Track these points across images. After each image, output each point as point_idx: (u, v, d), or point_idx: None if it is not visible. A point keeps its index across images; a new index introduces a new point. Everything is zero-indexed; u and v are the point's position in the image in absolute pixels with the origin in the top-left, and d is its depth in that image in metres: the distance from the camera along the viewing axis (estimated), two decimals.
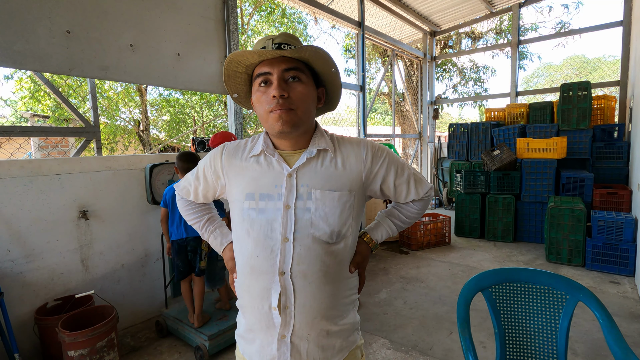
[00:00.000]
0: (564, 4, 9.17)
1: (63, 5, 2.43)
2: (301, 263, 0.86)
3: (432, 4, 6.69)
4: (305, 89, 0.87)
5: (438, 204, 7.72)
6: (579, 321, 2.74)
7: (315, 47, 0.82)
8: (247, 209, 0.90)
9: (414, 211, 1.07)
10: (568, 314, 1.32)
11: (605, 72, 10.85)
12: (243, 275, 0.92)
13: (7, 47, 2.21)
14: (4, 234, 2.21)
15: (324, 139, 0.94)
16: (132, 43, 2.80)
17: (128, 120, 9.73)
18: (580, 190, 4.55)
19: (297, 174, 0.89)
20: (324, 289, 0.88)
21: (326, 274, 0.88)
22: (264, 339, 0.89)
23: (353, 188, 0.92)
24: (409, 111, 8.42)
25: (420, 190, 1.02)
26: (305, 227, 0.86)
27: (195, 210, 1.12)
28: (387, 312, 3.02)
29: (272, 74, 0.84)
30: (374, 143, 0.98)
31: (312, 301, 0.86)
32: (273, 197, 0.88)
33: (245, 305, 0.93)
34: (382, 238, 1.06)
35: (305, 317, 0.86)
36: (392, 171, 0.98)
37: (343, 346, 0.94)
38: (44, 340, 2.24)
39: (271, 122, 0.86)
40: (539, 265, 4.09)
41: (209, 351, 2.31)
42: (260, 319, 0.88)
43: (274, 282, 0.86)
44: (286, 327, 0.86)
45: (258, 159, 0.93)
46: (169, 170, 2.90)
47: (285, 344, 0.87)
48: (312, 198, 0.87)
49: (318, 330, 0.88)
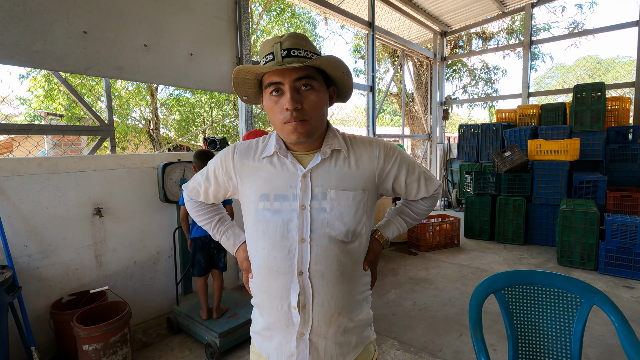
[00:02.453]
0: (577, 4, 9.02)
1: (80, 7, 2.48)
2: (319, 263, 0.87)
3: (443, 4, 6.65)
4: (318, 97, 0.86)
5: (447, 206, 7.66)
6: (592, 325, 2.70)
7: (327, 57, 0.81)
8: (261, 210, 0.90)
9: (423, 208, 1.08)
10: (582, 318, 1.31)
11: (620, 73, 10.65)
12: (260, 275, 0.92)
13: (26, 47, 2.26)
14: (21, 230, 2.26)
15: (337, 139, 0.94)
16: (146, 43, 2.85)
17: (139, 119, 9.86)
18: (594, 192, 4.48)
19: (312, 174, 0.90)
20: (341, 287, 0.89)
21: (343, 272, 0.89)
22: (282, 337, 0.90)
23: (366, 187, 0.93)
24: (418, 112, 8.38)
25: (430, 187, 1.03)
26: (321, 227, 0.87)
27: (206, 211, 1.11)
28: (396, 313, 3.01)
29: (283, 84, 0.83)
30: (385, 142, 0.99)
31: (330, 299, 0.88)
32: (288, 198, 0.89)
33: (262, 305, 0.94)
34: (393, 235, 1.07)
35: (324, 315, 0.88)
36: (404, 170, 0.99)
37: (358, 342, 0.96)
38: (59, 334, 2.28)
39: (286, 133, 0.86)
40: (551, 268, 4.04)
41: (219, 348, 2.33)
42: (279, 317, 0.89)
43: (293, 282, 0.87)
44: (305, 326, 0.88)
45: (271, 160, 0.93)
46: (181, 169, 2.94)
47: (303, 342, 0.89)
48: (327, 198, 0.88)
49: (335, 327, 0.90)
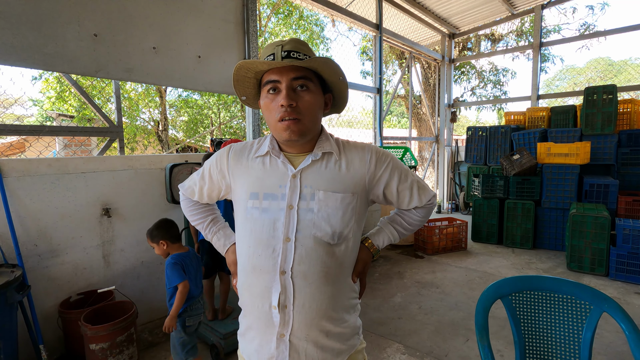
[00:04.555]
0: (588, 5, 8.94)
1: (91, 10, 2.52)
2: (302, 263, 0.87)
3: (451, 6, 6.62)
4: (313, 98, 0.88)
5: (454, 209, 7.60)
6: (602, 332, 2.65)
7: (324, 59, 0.84)
8: (250, 208, 0.91)
9: (416, 218, 1.06)
10: (592, 325, 1.28)
11: (632, 75, 10.47)
12: (245, 273, 0.93)
13: (38, 49, 2.30)
14: (32, 229, 2.30)
15: (329, 142, 0.95)
16: (155, 46, 2.88)
17: (148, 120, 9.97)
18: (605, 197, 4.40)
19: (302, 175, 0.91)
20: (324, 290, 0.88)
21: (327, 275, 0.89)
22: (263, 337, 0.90)
23: (356, 191, 0.93)
24: (426, 114, 8.33)
25: (424, 197, 1.02)
26: (307, 227, 0.87)
27: (200, 211, 1.12)
28: (402, 317, 2.99)
29: (280, 82, 0.86)
30: (378, 148, 1.00)
31: (311, 301, 0.87)
32: (277, 197, 0.90)
33: (245, 304, 0.94)
34: (383, 244, 1.06)
35: (304, 317, 0.87)
36: (396, 176, 0.98)
37: (342, 349, 0.94)
38: (67, 333, 2.31)
39: (279, 131, 0.88)
40: (560, 273, 3.98)
41: (224, 349, 2.34)
42: (259, 317, 0.89)
43: (275, 281, 0.87)
44: (285, 327, 0.87)
45: (264, 160, 0.95)
46: (188, 170, 2.96)
47: (284, 343, 0.88)
48: (315, 199, 0.89)
49: (317, 331, 0.89)
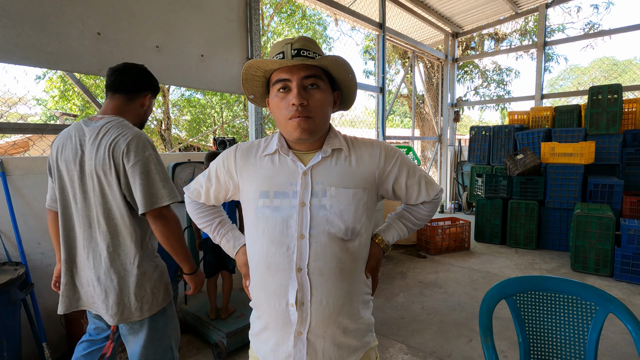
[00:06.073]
0: (593, 4, 8.84)
1: (94, 9, 2.52)
2: (318, 260, 0.86)
3: (455, 5, 6.59)
4: (323, 96, 0.88)
5: (457, 209, 7.57)
6: (607, 333, 2.63)
7: (334, 57, 0.84)
8: (261, 207, 0.90)
9: (424, 213, 1.07)
10: (597, 326, 1.27)
11: (637, 75, 10.40)
12: (258, 273, 0.92)
13: (41, 48, 2.30)
14: (35, 227, 2.30)
15: (338, 139, 0.95)
16: (158, 45, 2.88)
17: (151, 119, 9.99)
18: (609, 197, 4.37)
19: (312, 172, 0.91)
20: (340, 285, 0.88)
21: (342, 270, 0.89)
22: (280, 336, 0.89)
23: (367, 186, 0.93)
24: (429, 113, 8.31)
25: (431, 191, 1.03)
26: (320, 224, 0.87)
27: (206, 213, 1.10)
28: (405, 317, 2.98)
29: (291, 81, 0.85)
30: (386, 144, 1.00)
31: (328, 298, 0.87)
32: (288, 195, 0.89)
33: (260, 304, 0.93)
34: (393, 240, 1.07)
35: (322, 314, 0.87)
36: (405, 171, 0.99)
37: (358, 346, 0.94)
38: (70, 331, 2.31)
39: (290, 129, 0.87)
40: (564, 274, 3.95)
41: (226, 348, 2.34)
42: (276, 316, 0.89)
43: (291, 278, 0.86)
44: (303, 324, 0.87)
45: (272, 158, 0.95)
46: (190, 169, 2.96)
47: (301, 341, 0.87)
48: (327, 195, 0.88)
49: (334, 327, 0.89)
